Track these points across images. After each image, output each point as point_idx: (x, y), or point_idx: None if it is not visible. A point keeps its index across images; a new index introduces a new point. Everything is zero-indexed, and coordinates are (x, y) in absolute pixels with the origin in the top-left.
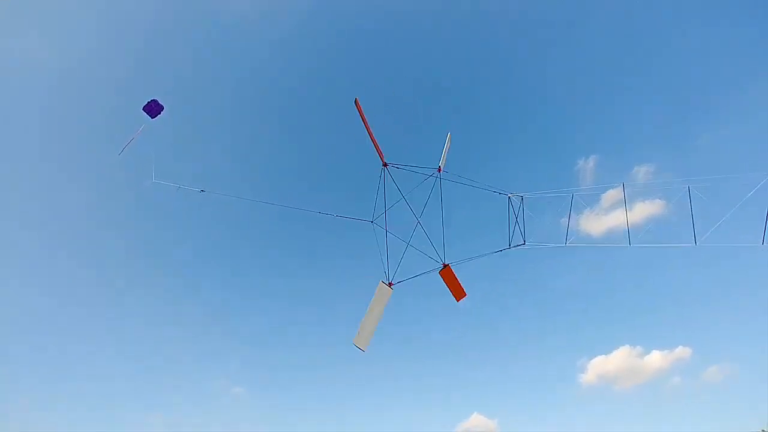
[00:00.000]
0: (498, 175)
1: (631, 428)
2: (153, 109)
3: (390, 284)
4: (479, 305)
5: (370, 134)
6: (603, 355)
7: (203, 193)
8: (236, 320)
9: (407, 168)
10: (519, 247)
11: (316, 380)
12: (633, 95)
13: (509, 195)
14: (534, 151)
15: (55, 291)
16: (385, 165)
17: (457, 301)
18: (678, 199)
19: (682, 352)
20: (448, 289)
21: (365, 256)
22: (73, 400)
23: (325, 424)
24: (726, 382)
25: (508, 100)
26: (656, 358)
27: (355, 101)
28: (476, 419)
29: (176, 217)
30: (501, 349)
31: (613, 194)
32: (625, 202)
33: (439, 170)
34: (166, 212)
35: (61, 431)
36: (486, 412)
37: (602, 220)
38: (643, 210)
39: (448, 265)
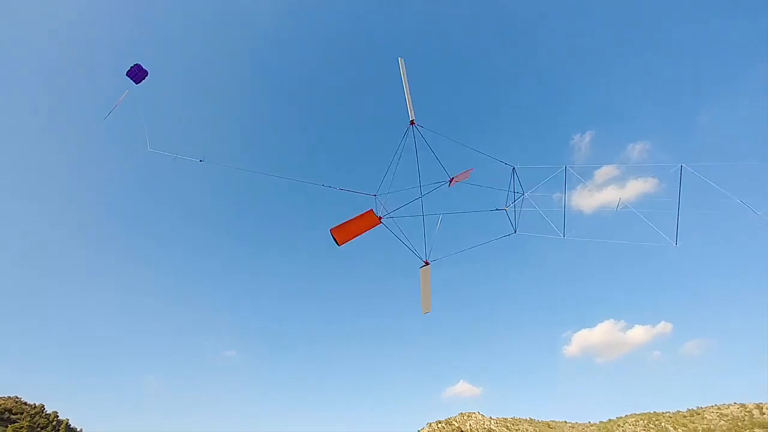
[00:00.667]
0: (495, 146)
1: (610, 399)
2: (137, 74)
3: (426, 263)
4: (471, 279)
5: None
6: (587, 329)
7: (202, 163)
8: (229, 286)
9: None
10: (510, 235)
11: (309, 345)
12: (632, 72)
13: (513, 166)
14: (531, 124)
15: (49, 266)
16: (412, 123)
17: (467, 177)
18: (671, 178)
19: (664, 327)
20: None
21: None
22: (66, 363)
23: (318, 386)
24: (703, 356)
25: (507, 73)
26: (639, 333)
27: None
28: (463, 386)
29: (171, 186)
30: (490, 322)
31: (606, 170)
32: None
33: (412, 123)
34: (161, 182)
35: (57, 391)
36: (472, 379)
37: (594, 197)
38: (636, 188)
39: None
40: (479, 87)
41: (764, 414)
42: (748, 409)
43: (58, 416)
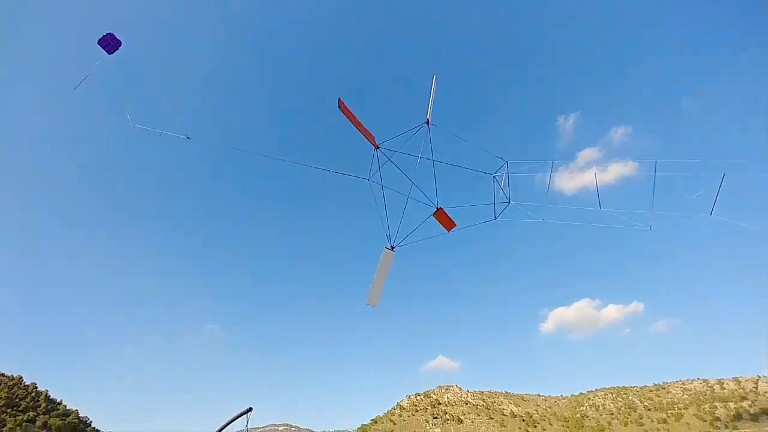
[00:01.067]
0: (482, 128)
1: (581, 373)
2: (109, 44)
3: (392, 248)
4: (452, 258)
5: (360, 128)
6: (564, 307)
7: (189, 140)
8: (211, 261)
9: (396, 152)
10: (504, 204)
11: (292, 321)
12: (617, 56)
13: (507, 161)
14: (517, 105)
15: (25, 241)
16: (377, 147)
17: (448, 231)
18: (650, 163)
19: (636, 306)
20: (441, 225)
21: (346, 207)
22: (44, 336)
23: (301, 360)
24: (671, 335)
25: (495, 55)
26: (612, 311)
27: (339, 102)
28: (441, 360)
29: (152, 161)
30: (469, 299)
31: (589, 153)
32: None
33: (428, 123)
34: (143, 157)
35: (36, 364)
36: (450, 354)
37: (576, 179)
38: (617, 171)
39: (440, 208)
40: (470, 74)
41: (724, 389)
42: (710, 385)
43: (37, 387)
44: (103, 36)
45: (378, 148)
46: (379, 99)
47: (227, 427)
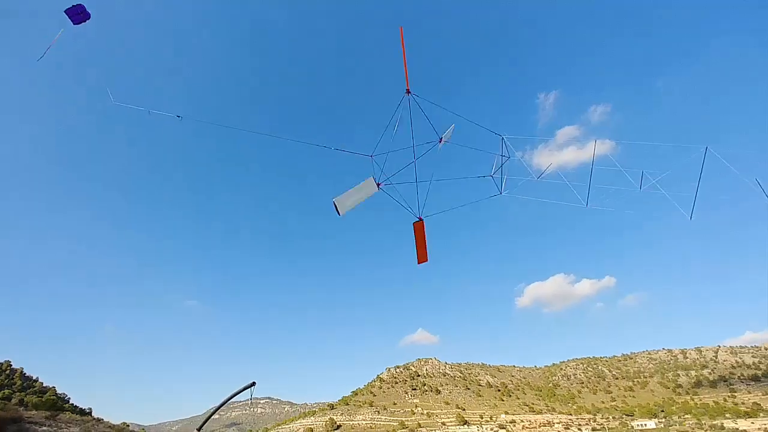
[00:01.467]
0: (465, 102)
1: (555, 345)
2: (76, 14)
3: (379, 185)
4: (432, 234)
5: (405, 62)
6: (539, 282)
7: (179, 119)
8: (188, 238)
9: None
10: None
11: (271, 297)
12: (597, 33)
13: (503, 136)
14: (498, 82)
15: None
16: (408, 92)
17: (418, 263)
18: (626, 141)
19: (608, 281)
20: (414, 246)
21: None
22: (17, 313)
23: (282, 335)
24: (640, 308)
25: (475, 30)
26: (585, 286)
27: (400, 30)
28: (421, 334)
29: (139, 139)
30: (449, 274)
31: (568, 131)
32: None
33: (407, 92)
34: (128, 135)
35: (9, 342)
36: (430, 328)
37: (555, 156)
38: (595, 148)
39: (422, 219)
40: (450, 48)
41: (687, 358)
42: (674, 354)
43: (11, 365)
44: (73, 6)
45: (409, 93)
46: (355, 66)
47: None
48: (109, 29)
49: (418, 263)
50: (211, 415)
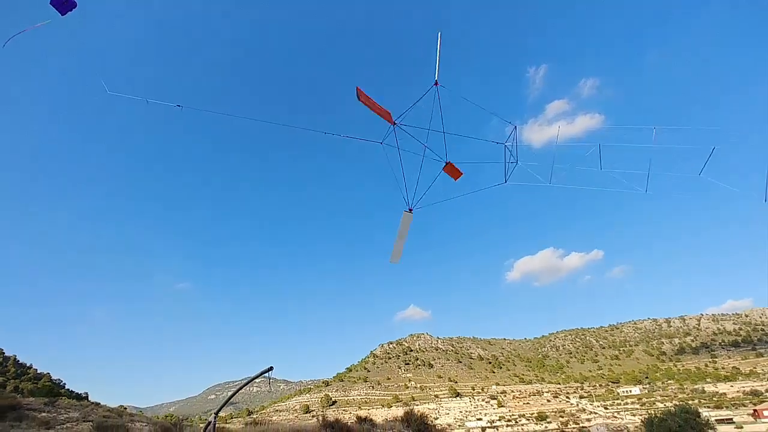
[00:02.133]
0: (453, 77)
1: (544, 318)
2: (61, 4)
3: (410, 210)
4: (422, 212)
5: (377, 111)
6: (529, 256)
7: (180, 108)
8: (179, 219)
9: (410, 126)
10: (512, 165)
11: (264, 275)
12: (587, 8)
13: (515, 125)
14: (485, 55)
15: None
16: (393, 124)
17: (455, 180)
18: (617, 115)
19: (596, 254)
20: (450, 177)
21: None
22: (14, 293)
23: (274, 313)
24: (627, 280)
25: (462, 3)
26: (574, 259)
27: (358, 92)
28: (413, 310)
29: (135, 127)
30: (438, 250)
31: (557, 105)
32: None
33: (436, 84)
34: (122, 124)
35: (7, 323)
36: (422, 304)
37: (544, 131)
38: (584, 123)
39: (449, 162)
40: (441, 20)
41: (671, 326)
42: (658, 323)
43: (4, 353)
44: None
45: (395, 124)
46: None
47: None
48: (96, 19)
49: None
50: (228, 400)
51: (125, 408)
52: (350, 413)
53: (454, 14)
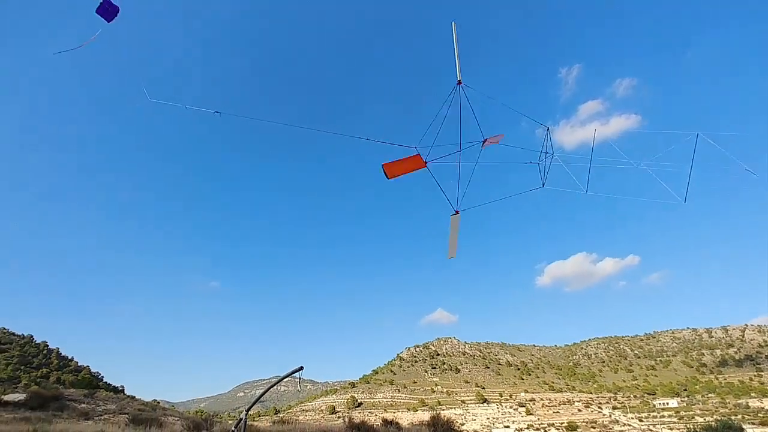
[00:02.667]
0: (482, 79)
1: (576, 324)
2: (107, 10)
3: (457, 212)
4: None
5: (411, 169)
6: (560, 260)
7: (217, 114)
8: (212, 219)
9: (442, 161)
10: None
11: (294, 276)
12: (622, 4)
13: (547, 127)
14: (518, 55)
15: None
16: (459, 83)
17: (449, 257)
18: (654, 116)
19: (632, 260)
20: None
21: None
22: (56, 288)
23: (304, 315)
24: (665, 287)
25: (493, 3)
26: (608, 264)
27: (385, 170)
28: (440, 314)
29: (166, 133)
30: (466, 252)
31: (591, 105)
32: None
33: (459, 83)
34: (155, 130)
35: (42, 323)
36: (449, 307)
37: (576, 133)
38: (619, 124)
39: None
40: (469, 20)
41: (712, 337)
42: (698, 333)
43: (48, 345)
44: (101, 3)
45: (426, 165)
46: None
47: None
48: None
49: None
50: (258, 398)
51: (158, 402)
52: (376, 415)
53: (479, 13)
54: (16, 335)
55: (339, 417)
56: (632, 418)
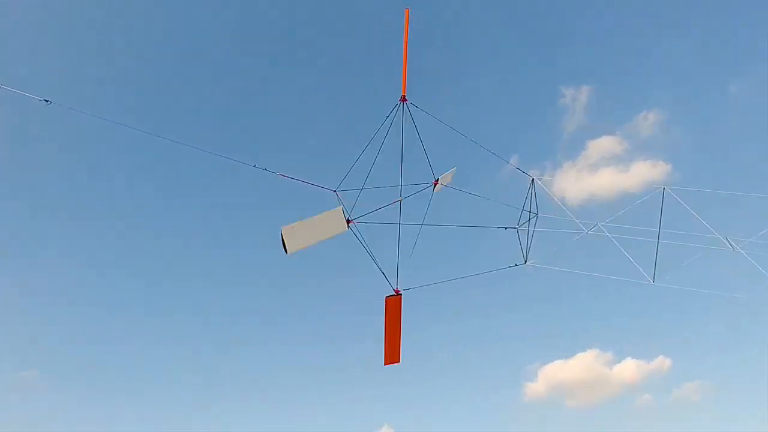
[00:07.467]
0: (459, 102)
1: None
2: None
3: (396, 292)
4: (408, 294)
5: (405, 56)
6: (561, 360)
7: (48, 104)
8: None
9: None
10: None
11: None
12: (647, 12)
13: (533, 177)
14: (508, 73)
15: None
16: (403, 99)
17: (385, 364)
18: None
19: (661, 362)
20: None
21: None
22: None
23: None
24: (701, 402)
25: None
26: (629, 368)
27: (405, 13)
28: (387, 430)
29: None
30: (429, 350)
31: (605, 143)
32: None
33: (403, 99)
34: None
35: None
36: (397, 425)
37: (584, 180)
38: (641, 174)
39: (399, 293)
40: (444, 22)
41: None
42: None
43: None
44: None
45: (405, 101)
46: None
47: None
48: None
49: (385, 363)
50: None
51: None
52: None
53: (449, 3)
54: None
55: None
56: None
